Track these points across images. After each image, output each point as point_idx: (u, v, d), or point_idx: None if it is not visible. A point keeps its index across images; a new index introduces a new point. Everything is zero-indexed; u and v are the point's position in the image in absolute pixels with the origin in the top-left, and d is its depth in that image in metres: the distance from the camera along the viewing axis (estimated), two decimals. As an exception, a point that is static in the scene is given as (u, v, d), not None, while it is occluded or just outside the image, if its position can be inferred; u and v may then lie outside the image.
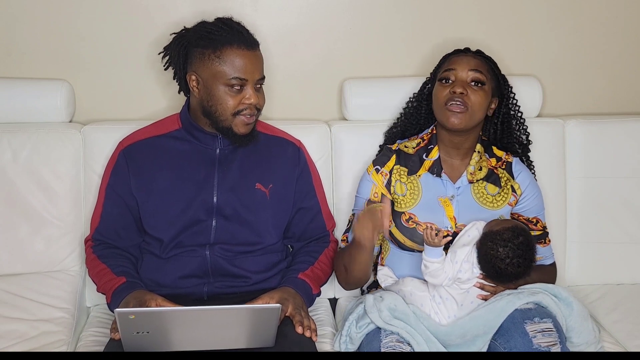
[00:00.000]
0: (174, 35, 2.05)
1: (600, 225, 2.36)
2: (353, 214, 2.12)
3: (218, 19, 2.01)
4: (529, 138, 2.19)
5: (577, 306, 1.91)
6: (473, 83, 1.99)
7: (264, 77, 2.00)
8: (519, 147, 2.17)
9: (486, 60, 2.05)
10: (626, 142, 2.36)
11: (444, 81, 2.02)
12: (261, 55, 2.00)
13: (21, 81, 2.29)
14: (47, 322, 2.02)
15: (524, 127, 2.19)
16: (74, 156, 2.20)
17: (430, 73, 2.15)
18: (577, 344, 1.90)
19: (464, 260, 1.90)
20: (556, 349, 1.77)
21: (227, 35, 1.94)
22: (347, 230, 2.14)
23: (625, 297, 2.26)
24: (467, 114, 1.98)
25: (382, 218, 1.88)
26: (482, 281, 1.91)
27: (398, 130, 2.21)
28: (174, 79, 2.07)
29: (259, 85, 1.98)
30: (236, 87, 1.93)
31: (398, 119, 2.24)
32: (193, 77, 1.97)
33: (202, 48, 1.95)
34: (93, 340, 2.01)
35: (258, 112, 1.99)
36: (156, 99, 2.39)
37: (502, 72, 2.11)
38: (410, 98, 2.22)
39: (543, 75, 2.44)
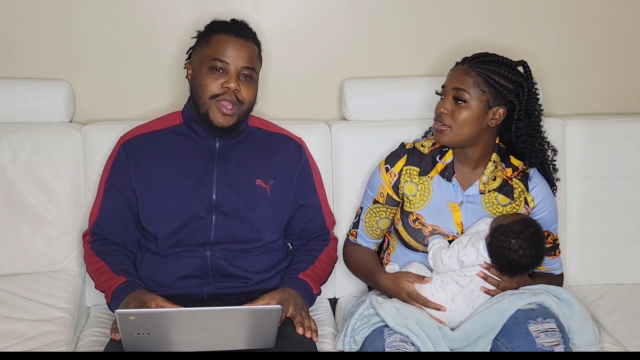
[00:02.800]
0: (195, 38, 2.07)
1: (600, 225, 2.36)
2: (361, 208, 2.13)
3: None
4: (549, 146, 2.10)
5: (579, 307, 1.92)
6: (456, 100, 1.96)
7: (253, 69, 1.98)
8: (535, 154, 2.05)
9: (480, 72, 1.95)
10: (626, 142, 2.36)
11: (438, 94, 2.03)
12: (253, 47, 1.99)
13: (21, 81, 2.29)
14: (47, 322, 2.02)
15: (539, 133, 2.06)
16: (74, 156, 2.20)
17: None
18: (579, 345, 1.90)
19: (468, 244, 1.91)
20: (559, 349, 1.77)
21: (220, 25, 1.99)
22: (355, 225, 2.14)
23: (625, 297, 2.26)
24: (450, 132, 1.96)
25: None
26: (486, 271, 1.92)
27: None
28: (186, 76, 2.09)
29: (246, 77, 1.96)
30: (217, 70, 1.93)
31: None
32: (190, 67, 2.01)
33: (199, 38, 2.00)
34: (93, 340, 2.01)
35: (240, 104, 1.96)
36: (156, 98, 2.38)
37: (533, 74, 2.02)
38: None
39: (543, 75, 2.44)
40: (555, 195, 2.13)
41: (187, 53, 2.07)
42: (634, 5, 2.48)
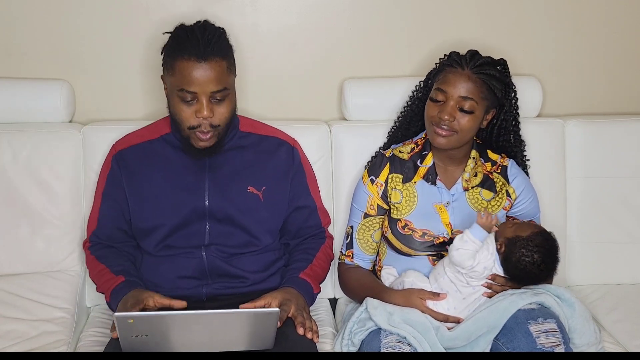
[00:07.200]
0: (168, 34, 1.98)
1: (600, 225, 2.36)
2: (351, 227, 2.12)
3: (196, 23, 1.94)
4: (522, 139, 2.14)
5: (579, 307, 1.92)
6: (461, 108, 1.94)
7: (225, 88, 1.87)
8: (511, 148, 2.13)
9: (484, 79, 1.94)
10: (626, 142, 2.37)
11: (434, 98, 1.98)
12: (220, 65, 1.86)
13: (21, 81, 2.29)
14: (47, 322, 2.02)
15: (518, 129, 2.13)
16: (74, 156, 2.20)
17: (429, 73, 2.11)
18: (579, 345, 1.90)
19: (490, 252, 1.90)
20: (560, 349, 1.77)
21: (179, 44, 1.87)
22: (348, 246, 2.12)
23: (625, 297, 2.27)
24: (454, 136, 1.96)
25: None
26: (490, 281, 1.91)
27: (400, 135, 2.17)
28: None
29: (218, 98, 1.88)
30: (187, 100, 1.87)
31: (399, 120, 2.20)
32: (165, 85, 1.95)
33: (164, 55, 1.93)
34: (93, 340, 2.01)
35: (215, 128, 1.90)
36: (156, 99, 2.38)
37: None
38: (410, 97, 2.18)
39: (543, 75, 2.44)
40: None
41: (161, 54, 1.95)
42: (634, 6, 2.48)
